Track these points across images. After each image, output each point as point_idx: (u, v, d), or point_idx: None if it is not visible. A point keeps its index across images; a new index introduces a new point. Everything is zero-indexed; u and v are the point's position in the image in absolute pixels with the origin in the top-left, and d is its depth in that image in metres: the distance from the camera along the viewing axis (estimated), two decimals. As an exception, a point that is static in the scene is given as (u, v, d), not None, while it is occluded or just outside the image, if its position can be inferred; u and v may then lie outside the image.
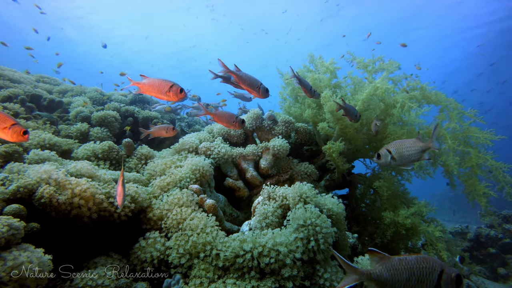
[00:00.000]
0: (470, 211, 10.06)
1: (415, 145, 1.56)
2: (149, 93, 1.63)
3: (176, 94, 1.60)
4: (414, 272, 1.01)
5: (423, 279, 1.00)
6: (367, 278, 1.05)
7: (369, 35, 6.44)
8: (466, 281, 4.06)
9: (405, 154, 1.55)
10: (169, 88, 1.59)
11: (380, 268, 1.06)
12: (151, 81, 1.61)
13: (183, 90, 1.62)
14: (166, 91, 1.59)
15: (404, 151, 1.55)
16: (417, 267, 1.01)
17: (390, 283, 1.02)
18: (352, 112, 2.26)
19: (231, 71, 1.85)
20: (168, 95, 1.60)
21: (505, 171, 2.26)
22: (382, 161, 1.61)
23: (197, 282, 1.45)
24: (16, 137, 1.39)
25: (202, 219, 1.70)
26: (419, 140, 1.59)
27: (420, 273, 1.00)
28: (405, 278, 1.01)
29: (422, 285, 1.00)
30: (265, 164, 2.55)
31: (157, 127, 2.53)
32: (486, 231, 5.75)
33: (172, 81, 1.62)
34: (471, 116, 2.44)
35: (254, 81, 1.88)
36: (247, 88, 1.90)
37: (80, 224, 1.51)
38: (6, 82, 3.36)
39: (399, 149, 1.56)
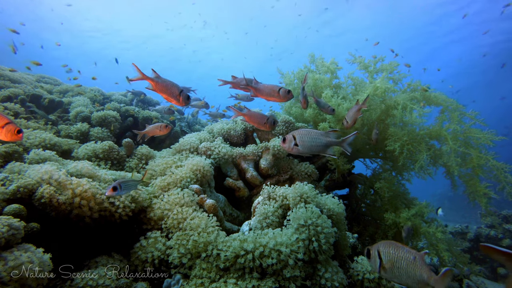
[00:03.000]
0: (470, 211, 10.06)
1: (320, 138, 1.58)
2: (160, 93, 1.66)
3: (185, 100, 1.68)
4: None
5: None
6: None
7: (376, 44, 6.60)
8: (466, 281, 4.06)
9: (307, 144, 1.54)
10: (179, 93, 1.66)
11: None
12: (165, 82, 1.64)
13: (189, 97, 1.71)
14: (176, 95, 1.65)
15: (307, 140, 1.55)
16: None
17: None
18: (325, 106, 2.44)
19: (250, 85, 1.89)
20: (178, 99, 1.66)
21: (506, 171, 2.26)
22: (286, 146, 1.62)
23: (197, 282, 1.45)
24: (10, 136, 1.38)
25: (203, 219, 1.70)
26: (326, 135, 1.61)
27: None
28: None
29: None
30: (265, 164, 2.55)
31: (151, 126, 2.54)
32: (486, 231, 5.75)
33: (181, 87, 1.70)
34: (472, 118, 2.44)
35: (271, 88, 1.89)
36: (265, 97, 1.92)
37: (81, 224, 1.51)
38: (6, 82, 3.36)
39: (303, 138, 1.56)
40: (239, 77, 2.27)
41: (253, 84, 1.90)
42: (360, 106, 2.23)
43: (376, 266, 1.14)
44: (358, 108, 2.23)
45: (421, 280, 1.10)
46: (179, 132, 3.73)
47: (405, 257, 1.11)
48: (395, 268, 1.11)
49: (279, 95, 1.88)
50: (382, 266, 1.13)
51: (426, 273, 1.09)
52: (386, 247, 1.14)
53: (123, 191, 1.48)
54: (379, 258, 1.13)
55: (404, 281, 1.12)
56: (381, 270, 1.14)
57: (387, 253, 1.13)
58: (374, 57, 2.79)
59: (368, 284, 1.66)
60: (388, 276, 1.13)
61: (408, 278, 1.11)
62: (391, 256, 1.12)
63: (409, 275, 1.10)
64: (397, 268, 1.11)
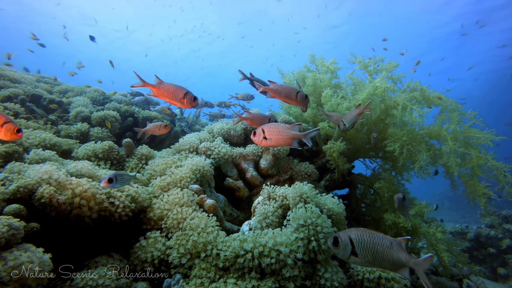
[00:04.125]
0: (470, 211, 10.06)
1: (286, 132, 1.66)
2: (162, 98, 1.63)
3: (190, 102, 1.63)
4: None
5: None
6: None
7: (385, 42, 6.60)
8: (466, 281, 4.06)
9: (274, 137, 1.63)
10: (183, 95, 1.61)
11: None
12: (166, 86, 1.62)
13: (196, 99, 1.66)
14: (180, 98, 1.61)
15: (274, 134, 1.63)
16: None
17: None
18: (290, 94, 2.36)
19: (266, 88, 1.87)
20: (183, 102, 1.62)
21: (506, 171, 2.26)
22: (256, 139, 1.71)
23: (197, 282, 1.45)
24: (10, 135, 1.37)
25: (202, 219, 1.70)
26: (291, 128, 1.69)
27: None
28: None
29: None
30: (265, 164, 2.55)
31: (151, 124, 2.55)
32: (486, 231, 5.75)
33: (186, 88, 1.64)
34: (471, 118, 2.44)
35: (290, 90, 1.87)
36: (283, 99, 1.88)
37: (81, 224, 1.51)
38: (6, 82, 3.36)
39: (271, 131, 1.64)
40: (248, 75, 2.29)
41: (269, 85, 1.89)
42: (362, 110, 2.13)
43: (347, 253, 1.11)
44: (359, 112, 2.14)
45: (398, 262, 1.10)
46: (179, 132, 3.73)
47: (381, 243, 1.10)
48: (369, 254, 1.10)
49: (297, 98, 1.89)
50: (354, 253, 1.11)
51: (404, 256, 1.10)
52: (360, 234, 1.12)
53: (117, 184, 1.48)
54: (351, 245, 1.11)
55: (378, 264, 1.12)
56: (350, 257, 1.11)
57: (360, 240, 1.11)
58: (374, 57, 2.80)
59: (368, 284, 1.66)
60: (359, 262, 1.12)
61: (383, 261, 1.10)
62: (365, 243, 1.10)
63: (384, 259, 1.10)
64: (372, 254, 1.10)
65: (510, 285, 5.03)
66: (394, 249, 1.10)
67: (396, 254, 1.10)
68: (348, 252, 1.10)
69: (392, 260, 1.09)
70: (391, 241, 1.11)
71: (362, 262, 1.11)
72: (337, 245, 1.11)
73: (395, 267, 1.11)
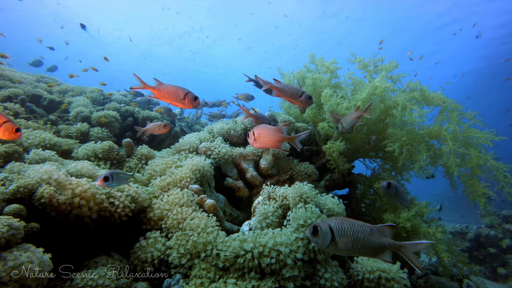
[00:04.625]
0: (470, 211, 10.06)
1: (274, 134, 1.69)
2: (163, 99, 1.62)
3: (191, 102, 1.61)
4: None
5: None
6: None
7: (381, 41, 6.64)
8: (466, 281, 4.06)
9: (263, 139, 1.67)
10: (184, 95, 1.60)
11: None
12: (166, 87, 1.61)
13: (197, 98, 1.64)
14: (181, 99, 1.60)
15: (263, 136, 1.67)
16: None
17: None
18: (295, 94, 2.35)
19: (272, 86, 1.88)
20: (184, 102, 1.60)
21: (506, 171, 2.26)
22: (249, 140, 1.75)
23: (197, 282, 1.45)
24: (8, 135, 1.37)
25: (202, 219, 1.70)
26: (279, 131, 1.71)
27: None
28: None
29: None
30: (265, 164, 2.55)
31: (151, 124, 2.56)
32: (486, 231, 5.75)
33: (186, 88, 1.63)
34: (471, 118, 2.44)
35: (295, 91, 1.89)
36: (288, 99, 1.90)
37: (81, 224, 1.51)
38: (6, 82, 3.36)
39: (260, 133, 1.67)
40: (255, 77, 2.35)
41: (274, 84, 1.90)
42: (361, 114, 2.11)
43: (326, 241, 1.10)
44: (359, 115, 2.11)
45: (380, 247, 1.11)
46: (179, 132, 3.73)
47: (361, 230, 1.11)
48: (349, 242, 1.10)
49: (302, 99, 1.90)
50: (333, 242, 1.10)
51: (387, 241, 1.12)
52: (339, 223, 1.12)
53: (114, 183, 1.46)
54: (331, 233, 1.10)
55: (358, 251, 1.12)
56: (330, 245, 1.11)
57: (340, 228, 1.11)
58: (374, 57, 2.80)
59: (368, 284, 1.66)
60: (339, 250, 1.12)
61: (364, 248, 1.11)
62: (345, 231, 1.10)
63: (365, 245, 1.11)
64: (353, 241, 1.10)
65: (510, 285, 5.03)
66: (375, 235, 1.12)
67: (378, 239, 1.12)
68: (328, 241, 1.10)
69: (373, 246, 1.11)
70: (371, 228, 1.13)
71: (342, 250, 1.11)
72: (316, 234, 1.10)
73: (376, 253, 1.12)
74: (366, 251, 1.12)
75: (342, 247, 1.10)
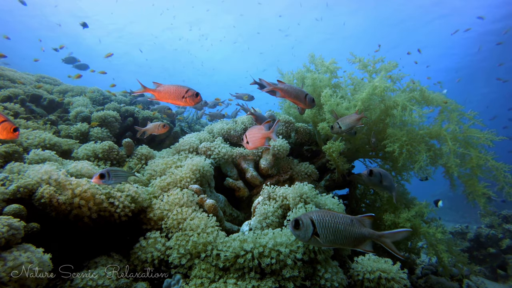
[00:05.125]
0: (470, 211, 10.06)
1: (259, 132, 1.79)
2: (165, 100, 1.61)
3: (193, 98, 1.60)
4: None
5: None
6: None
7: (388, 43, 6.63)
8: (466, 281, 4.06)
9: (252, 139, 1.78)
10: (185, 93, 1.59)
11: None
12: (166, 88, 1.61)
13: (198, 94, 1.62)
14: (182, 97, 1.59)
15: (252, 136, 1.79)
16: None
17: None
18: (299, 95, 2.35)
19: (276, 87, 1.90)
20: (185, 100, 1.59)
21: (506, 171, 2.26)
22: (244, 143, 1.85)
23: (197, 282, 1.45)
24: (6, 134, 1.36)
25: (202, 219, 1.70)
26: (262, 128, 1.80)
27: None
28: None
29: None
30: (265, 164, 2.55)
31: (151, 124, 2.56)
32: (486, 231, 5.75)
33: (187, 86, 1.62)
34: (471, 118, 2.44)
35: (299, 92, 1.92)
36: (292, 100, 1.93)
37: (80, 224, 1.51)
38: (6, 82, 3.36)
39: (249, 135, 1.79)
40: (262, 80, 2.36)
41: (278, 85, 1.91)
42: (361, 116, 2.09)
43: (308, 234, 1.11)
44: (359, 118, 2.09)
45: (360, 237, 1.13)
46: (179, 132, 3.73)
47: (342, 221, 1.13)
48: (331, 233, 1.11)
49: (305, 100, 1.92)
50: (315, 234, 1.11)
51: (367, 231, 1.14)
52: (321, 215, 1.13)
53: (111, 180, 1.44)
54: (312, 226, 1.11)
55: (339, 243, 1.13)
56: (312, 238, 1.11)
57: (322, 220, 1.12)
58: (373, 57, 2.79)
59: (368, 284, 1.66)
60: (320, 243, 1.13)
61: (345, 239, 1.13)
62: (327, 223, 1.12)
63: (346, 236, 1.13)
64: (334, 233, 1.11)
65: (510, 285, 5.03)
66: (356, 226, 1.14)
67: (358, 230, 1.14)
68: (309, 233, 1.11)
69: (354, 237, 1.13)
70: (352, 219, 1.15)
71: (323, 242, 1.12)
72: (298, 227, 1.11)
73: (357, 243, 1.14)
74: (347, 242, 1.14)
75: (324, 239, 1.11)
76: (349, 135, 2.60)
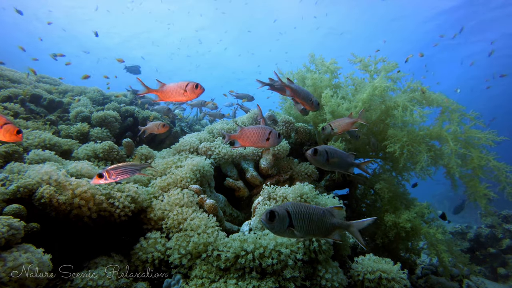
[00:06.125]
0: (470, 211, 10.06)
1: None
2: (168, 99, 1.60)
3: (193, 90, 1.57)
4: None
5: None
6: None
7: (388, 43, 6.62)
8: (466, 281, 4.06)
9: (252, 140, 1.84)
10: (185, 87, 1.57)
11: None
12: (168, 87, 1.60)
13: (198, 85, 1.58)
14: (183, 92, 1.57)
15: (251, 138, 1.85)
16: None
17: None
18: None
19: (286, 84, 1.93)
20: (186, 95, 1.57)
21: (508, 171, 2.26)
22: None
23: (198, 282, 1.44)
24: (9, 137, 1.36)
25: (203, 220, 1.70)
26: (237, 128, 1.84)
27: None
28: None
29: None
30: (265, 164, 2.55)
31: (151, 123, 2.57)
32: (486, 231, 5.75)
33: (187, 80, 1.60)
34: (472, 118, 2.43)
35: (307, 94, 1.98)
36: (300, 100, 1.98)
37: (80, 224, 1.51)
38: (6, 82, 3.36)
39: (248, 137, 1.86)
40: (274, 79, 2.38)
41: (290, 84, 1.93)
42: (355, 120, 2.04)
43: (284, 226, 1.11)
44: (353, 122, 2.04)
45: (331, 227, 1.19)
46: (179, 132, 3.73)
47: (315, 212, 1.16)
48: (305, 225, 1.13)
49: (312, 103, 1.98)
50: (291, 226, 1.12)
51: (337, 221, 1.20)
52: (296, 207, 1.15)
53: (116, 177, 1.43)
54: (288, 218, 1.12)
55: (312, 233, 1.17)
56: (287, 230, 1.12)
57: (297, 212, 1.14)
58: (375, 57, 2.78)
59: (368, 284, 1.66)
60: (295, 234, 1.13)
61: (318, 229, 1.16)
62: (301, 214, 1.14)
63: (319, 227, 1.16)
64: (308, 224, 1.14)
65: (510, 285, 5.03)
66: (327, 217, 1.19)
67: (329, 220, 1.19)
68: (285, 225, 1.11)
69: (326, 227, 1.18)
70: (323, 210, 1.19)
71: (298, 233, 1.13)
72: (273, 219, 1.10)
73: (328, 233, 1.20)
74: (319, 233, 1.18)
75: (298, 231, 1.13)
76: (353, 139, 2.60)
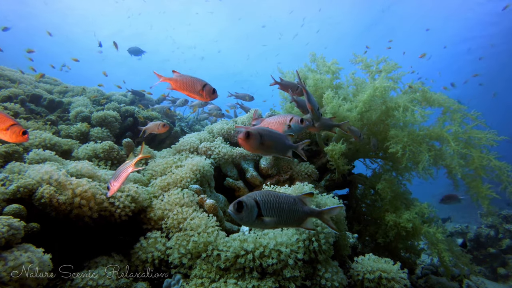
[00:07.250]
0: (470, 211, 10.05)
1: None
2: (180, 90, 1.55)
3: (209, 94, 1.54)
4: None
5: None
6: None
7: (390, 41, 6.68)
8: (466, 281, 4.06)
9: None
10: (202, 87, 1.52)
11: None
12: (184, 78, 1.54)
13: (215, 91, 1.56)
14: (199, 90, 1.52)
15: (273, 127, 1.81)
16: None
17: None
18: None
19: (305, 88, 1.94)
20: (201, 94, 1.53)
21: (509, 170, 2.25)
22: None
23: (198, 282, 1.44)
24: (15, 138, 1.37)
25: (203, 219, 1.70)
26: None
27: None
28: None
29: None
30: (265, 164, 2.55)
31: (151, 123, 2.57)
32: (486, 231, 5.75)
33: (204, 80, 1.55)
34: (474, 118, 2.43)
35: (315, 103, 2.00)
36: (310, 106, 1.99)
37: (81, 223, 1.51)
38: (6, 82, 3.36)
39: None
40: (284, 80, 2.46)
41: (304, 86, 1.94)
42: (338, 125, 2.22)
43: (253, 216, 1.05)
44: (335, 125, 2.23)
45: (303, 215, 1.16)
46: (179, 132, 3.73)
47: (286, 201, 1.11)
48: (275, 214, 1.08)
49: (317, 113, 2.05)
50: (260, 216, 1.06)
51: (308, 209, 1.17)
52: (265, 196, 1.09)
53: (115, 182, 1.43)
54: (257, 208, 1.06)
55: (284, 223, 1.12)
56: (256, 220, 1.06)
57: (266, 201, 1.08)
58: (377, 57, 2.77)
59: (368, 284, 1.66)
60: (265, 224, 1.09)
61: (289, 218, 1.12)
62: (271, 203, 1.09)
63: (290, 216, 1.12)
64: (278, 213, 1.09)
65: (510, 285, 5.02)
66: (298, 205, 1.15)
67: (301, 208, 1.15)
68: (254, 215, 1.06)
69: (297, 215, 1.14)
70: (294, 198, 1.15)
71: (268, 223, 1.08)
72: (241, 210, 1.04)
73: (299, 222, 1.16)
74: (291, 222, 1.13)
75: (268, 221, 1.08)
76: (358, 141, 2.60)
